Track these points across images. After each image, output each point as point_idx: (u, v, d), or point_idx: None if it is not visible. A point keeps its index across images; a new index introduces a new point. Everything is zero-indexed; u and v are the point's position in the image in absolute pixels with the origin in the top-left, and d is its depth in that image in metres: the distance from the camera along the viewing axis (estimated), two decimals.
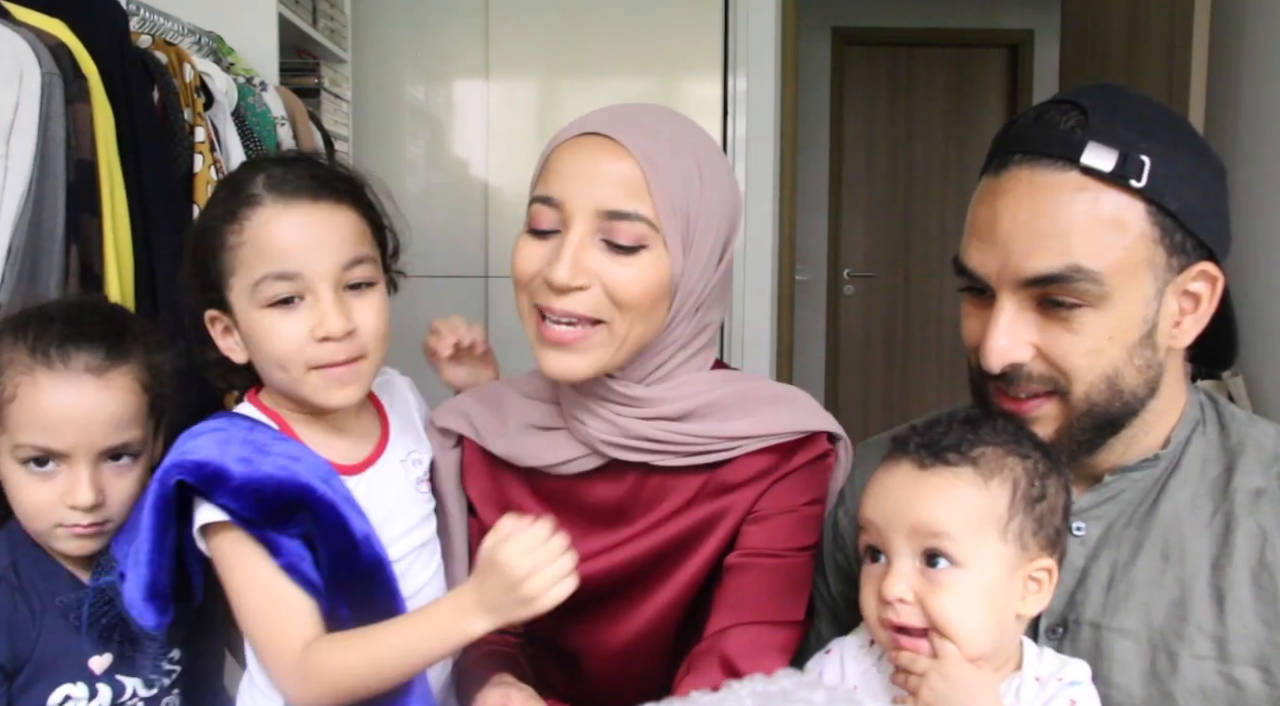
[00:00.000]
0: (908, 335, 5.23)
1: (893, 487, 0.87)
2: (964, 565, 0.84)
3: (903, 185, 5.20)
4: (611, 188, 0.93)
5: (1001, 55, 5.16)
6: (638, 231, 0.93)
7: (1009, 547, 0.85)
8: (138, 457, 1.01)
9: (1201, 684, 0.88)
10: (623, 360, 0.98)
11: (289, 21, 2.31)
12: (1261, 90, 2.26)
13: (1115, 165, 0.84)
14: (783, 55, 3.12)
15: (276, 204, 0.94)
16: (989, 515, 0.84)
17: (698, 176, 0.96)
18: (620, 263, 0.94)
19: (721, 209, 0.99)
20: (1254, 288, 2.23)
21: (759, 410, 1.02)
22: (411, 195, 3.11)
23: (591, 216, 0.94)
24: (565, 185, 0.95)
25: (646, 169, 0.93)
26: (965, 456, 0.86)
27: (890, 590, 0.85)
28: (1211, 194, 0.89)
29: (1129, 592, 0.92)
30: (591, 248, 0.94)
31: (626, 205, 0.93)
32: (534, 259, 0.97)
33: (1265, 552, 0.89)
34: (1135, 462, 0.94)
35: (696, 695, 0.78)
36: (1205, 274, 0.89)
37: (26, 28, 1.30)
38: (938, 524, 0.84)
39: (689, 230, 0.96)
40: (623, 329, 0.95)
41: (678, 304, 0.98)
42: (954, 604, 0.83)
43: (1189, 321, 0.91)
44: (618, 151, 0.94)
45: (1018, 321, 0.88)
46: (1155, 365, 0.90)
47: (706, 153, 0.99)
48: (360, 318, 0.95)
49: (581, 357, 0.96)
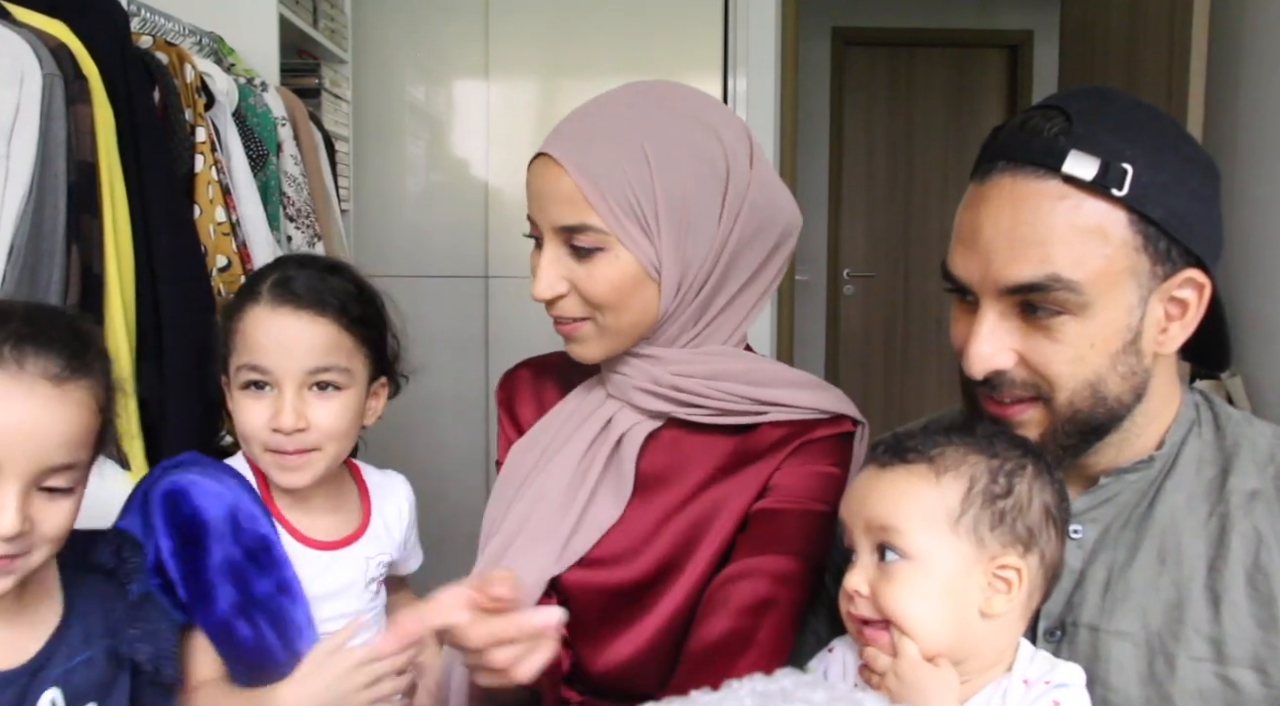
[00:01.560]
0: (908, 335, 5.23)
1: (855, 486, 0.91)
2: (912, 558, 0.85)
3: (903, 185, 5.21)
4: (559, 206, 1.01)
5: (1001, 55, 5.16)
6: (591, 238, 1.00)
7: (962, 542, 0.85)
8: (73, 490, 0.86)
9: (1198, 685, 0.89)
10: (626, 343, 1.06)
11: (289, 22, 2.31)
12: (1261, 90, 2.26)
13: (1096, 174, 0.84)
14: (783, 55, 3.12)
15: (267, 306, 1.06)
16: (938, 508, 0.85)
17: (645, 162, 1.00)
18: (584, 267, 1.02)
19: (689, 185, 1.01)
20: (1253, 288, 2.23)
21: (784, 386, 1.07)
22: (411, 195, 3.12)
23: (553, 233, 1.02)
24: (532, 206, 1.05)
25: (580, 181, 0.99)
26: (923, 455, 0.87)
27: (848, 582, 0.87)
28: (1200, 199, 0.88)
29: (1126, 595, 0.92)
30: (563, 258, 1.03)
31: (572, 219, 1.00)
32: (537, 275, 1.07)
33: (1260, 554, 0.89)
34: (1130, 465, 0.94)
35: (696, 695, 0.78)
36: (1192, 281, 0.89)
37: (27, 28, 1.30)
38: (886, 517, 0.86)
39: (645, 218, 1.00)
40: (609, 321, 1.03)
41: (673, 283, 1.02)
42: (902, 595, 0.84)
43: (1175, 328, 0.90)
44: (554, 168, 1.01)
45: (1000, 328, 0.89)
46: (1140, 371, 0.90)
47: (657, 133, 1.01)
48: (316, 416, 1.06)
49: (584, 346, 1.06)
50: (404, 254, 3.10)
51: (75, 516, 0.86)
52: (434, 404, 3.10)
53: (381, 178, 3.07)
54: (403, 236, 3.10)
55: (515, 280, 3.10)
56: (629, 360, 1.07)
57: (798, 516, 1.03)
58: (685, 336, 1.07)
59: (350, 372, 1.08)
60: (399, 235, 3.09)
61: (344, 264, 1.16)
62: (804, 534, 1.03)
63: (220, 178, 1.66)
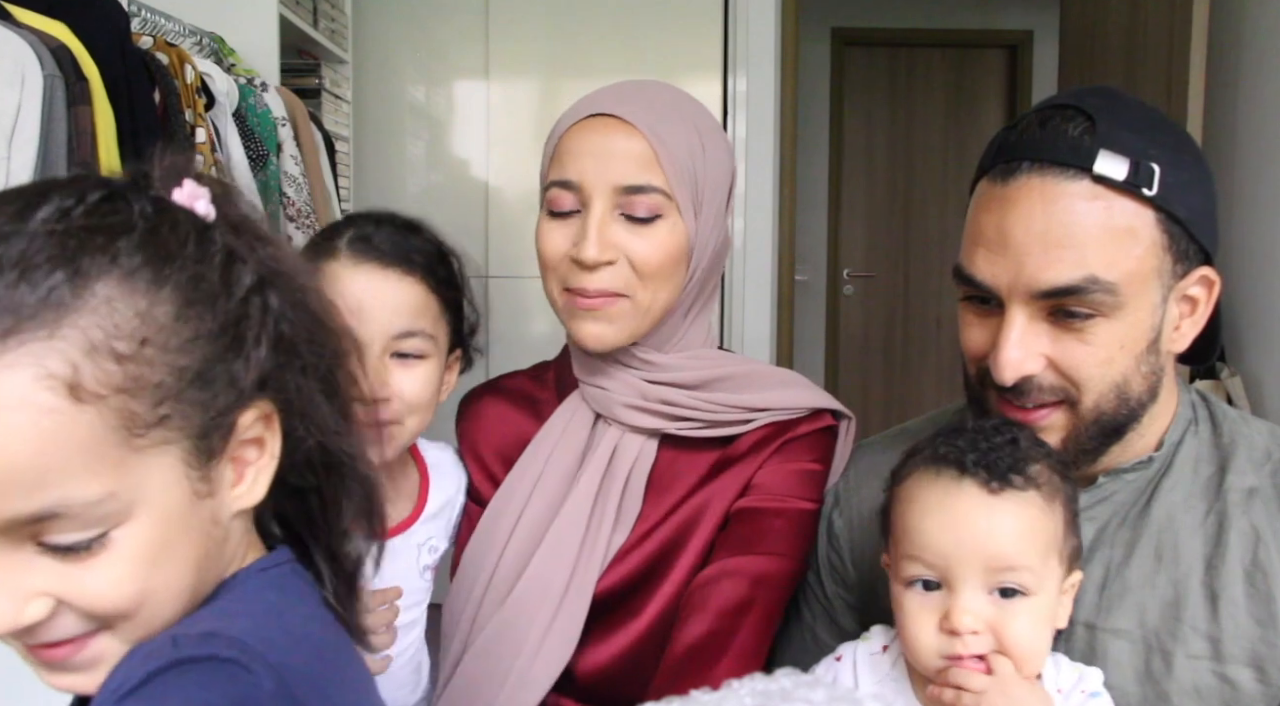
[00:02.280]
0: (907, 335, 5.23)
1: (965, 516, 0.83)
2: (1034, 593, 0.82)
3: (902, 185, 5.21)
4: (626, 163, 0.98)
5: (1001, 55, 5.16)
6: (653, 202, 0.98)
7: (1063, 567, 0.85)
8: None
9: (1196, 683, 0.89)
10: (648, 327, 1.02)
11: (289, 22, 2.31)
12: (1260, 90, 2.26)
13: (1128, 173, 0.83)
14: (783, 56, 3.12)
15: (348, 262, 0.97)
16: (1054, 540, 0.84)
17: (700, 144, 1.02)
18: (640, 234, 0.99)
19: (723, 170, 1.05)
20: (1253, 288, 2.23)
21: (770, 387, 1.06)
22: (411, 195, 3.12)
23: (609, 194, 0.98)
24: (580, 165, 0.99)
25: (655, 143, 0.98)
26: (1029, 479, 0.83)
27: (962, 624, 0.81)
28: (1209, 197, 0.89)
29: (1123, 593, 0.92)
30: (613, 223, 0.98)
31: (641, 179, 0.98)
32: (558, 240, 1.01)
33: (1258, 552, 0.89)
34: (1129, 464, 0.94)
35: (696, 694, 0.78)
36: (1205, 278, 0.89)
37: (28, 30, 1.31)
38: (1016, 557, 0.81)
39: (698, 195, 1.01)
40: (646, 299, 1.00)
41: (693, 266, 1.03)
42: (1027, 630, 0.82)
43: (1187, 325, 0.91)
44: (626, 129, 0.99)
45: (1029, 333, 0.87)
46: (1158, 370, 0.90)
47: (704, 120, 1.05)
48: (401, 384, 0.97)
49: (610, 326, 1.00)
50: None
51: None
52: None
53: (381, 178, 3.07)
54: None
55: (515, 280, 3.09)
56: (613, 373, 1.04)
57: (778, 515, 1.03)
58: (676, 334, 1.06)
59: (435, 340, 1.00)
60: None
61: (421, 221, 1.08)
62: (785, 533, 1.02)
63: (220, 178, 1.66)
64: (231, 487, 0.58)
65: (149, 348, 0.52)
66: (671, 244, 0.99)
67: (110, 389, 0.51)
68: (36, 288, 0.50)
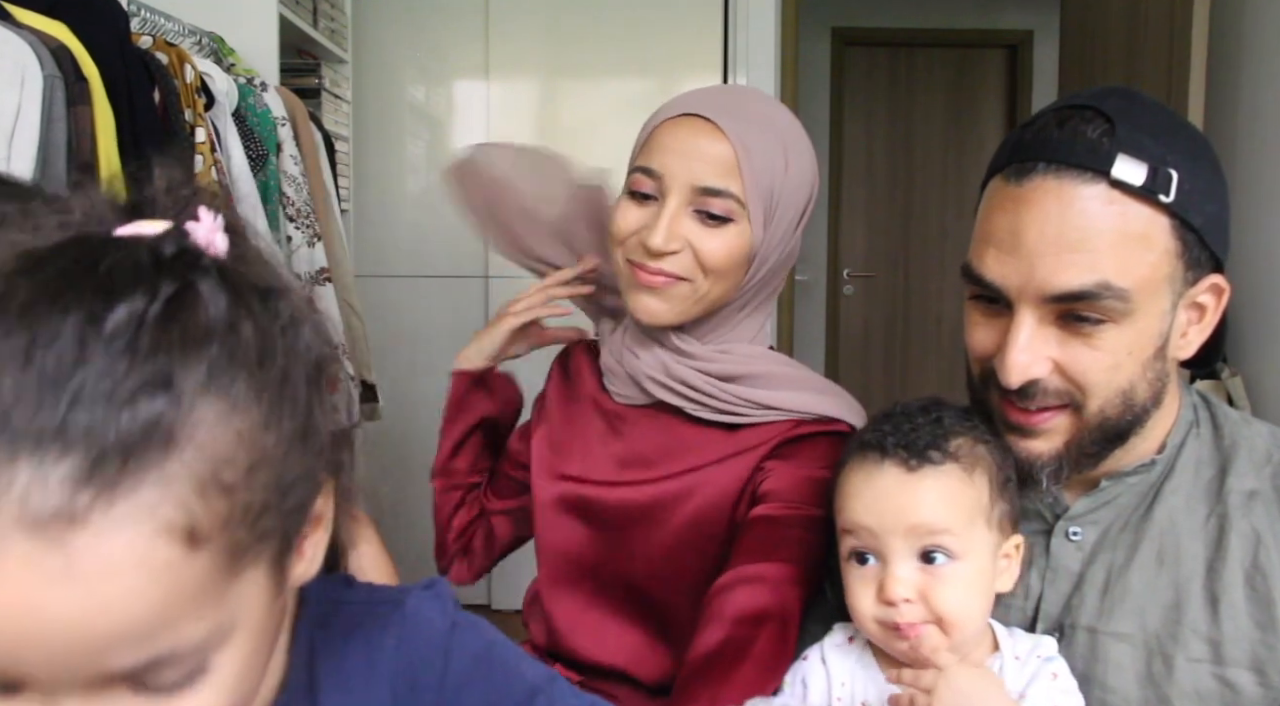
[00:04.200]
0: (908, 335, 5.23)
1: (885, 492, 0.88)
2: (961, 557, 0.87)
3: (902, 185, 5.20)
4: (707, 166, 1.03)
5: (1001, 55, 5.16)
6: (727, 206, 1.03)
7: (993, 533, 0.89)
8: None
9: (1197, 687, 0.89)
10: (699, 313, 1.08)
11: (289, 22, 2.31)
12: (1261, 91, 2.26)
13: (1146, 179, 0.82)
14: (783, 55, 3.12)
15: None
16: (977, 506, 0.88)
17: (783, 159, 1.06)
18: (710, 232, 1.04)
19: (803, 188, 1.09)
20: (1254, 288, 2.23)
21: (796, 389, 1.10)
22: (411, 195, 3.12)
23: (687, 190, 1.04)
24: (665, 159, 1.04)
25: (740, 152, 1.02)
26: (945, 452, 0.88)
27: (896, 592, 0.86)
28: (1225, 205, 0.88)
29: (1124, 596, 0.92)
30: (684, 217, 1.04)
31: (719, 183, 1.03)
32: (632, 220, 1.07)
33: (1259, 554, 0.89)
34: (1131, 468, 0.94)
35: None
36: (1215, 286, 0.89)
37: (28, 30, 1.30)
38: (937, 522, 0.86)
39: (771, 207, 1.06)
40: (704, 287, 1.06)
41: (753, 270, 1.08)
42: (957, 594, 0.86)
43: (1194, 332, 0.90)
44: (715, 133, 1.03)
45: (1038, 336, 0.86)
46: (1164, 376, 0.90)
47: (793, 136, 1.08)
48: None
49: (667, 304, 1.07)
50: (404, 254, 3.10)
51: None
52: (434, 404, 3.10)
53: (381, 178, 3.07)
54: (403, 236, 3.10)
55: (515, 280, 3.09)
56: (650, 347, 1.12)
57: (793, 524, 1.03)
58: (724, 327, 1.12)
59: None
60: (399, 235, 3.09)
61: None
62: (801, 540, 1.03)
63: (220, 178, 1.66)
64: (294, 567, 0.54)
65: (252, 472, 0.47)
66: (737, 246, 1.05)
67: (221, 525, 0.46)
68: (136, 420, 0.43)
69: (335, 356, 0.56)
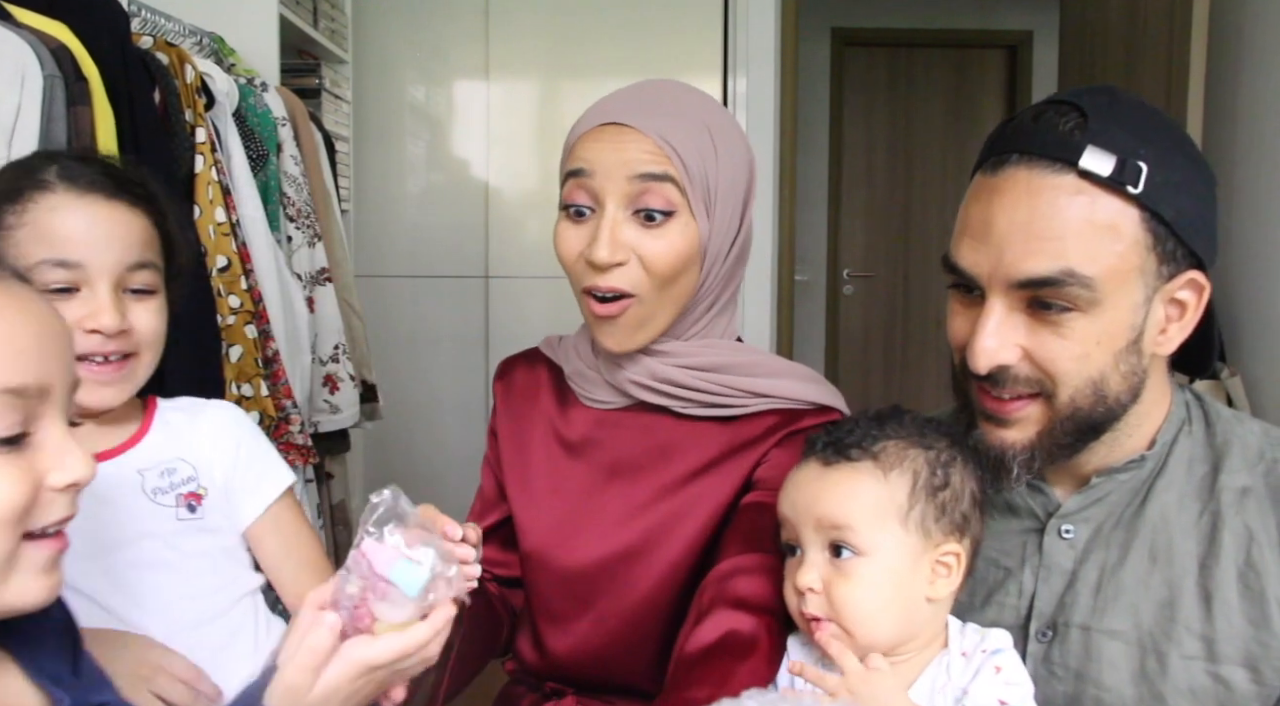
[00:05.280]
0: (907, 335, 5.24)
1: (801, 484, 0.92)
2: (866, 554, 0.88)
3: (902, 185, 5.21)
4: (639, 157, 1.00)
5: (1000, 56, 5.16)
6: (667, 196, 1.00)
7: (911, 535, 0.88)
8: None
9: (1190, 684, 0.89)
10: (666, 324, 1.05)
11: (290, 22, 2.31)
12: (1260, 90, 2.26)
13: (1113, 170, 0.84)
14: (782, 56, 3.12)
15: (69, 193, 0.93)
16: (889, 505, 0.88)
17: (711, 147, 1.02)
18: (653, 234, 1.00)
19: (737, 173, 1.05)
20: (1252, 288, 2.23)
21: (778, 376, 1.09)
22: (411, 195, 3.12)
23: (623, 184, 1.00)
24: (594, 167, 1.01)
25: (664, 147, 0.99)
26: (866, 451, 0.90)
27: (801, 580, 0.89)
28: (1204, 202, 0.89)
29: (1117, 594, 0.92)
30: (625, 224, 1.00)
31: (656, 167, 0.99)
32: (573, 241, 1.03)
33: (1252, 552, 0.89)
34: (1122, 464, 0.94)
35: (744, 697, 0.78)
36: (1193, 282, 0.89)
37: (28, 30, 1.31)
38: (840, 516, 0.88)
39: (710, 196, 1.02)
40: (654, 300, 1.03)
41: (707, 266, 1.05)
42: (857, 591, 0.87)
43: (1174, 328, 0.91)
44: (633, 133, 1.00)
45: (1006, 323, 0.88)
46: (1139, 371, 0.90)
47: (717, 120, 1.05)
48: (137, 319, 0.95)
49: (628, 332, 1.04)
50: (404, 254, 3.10)
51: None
52: (434, 404, 3.11)
53: (381, 178, 3.08)
54: (403, 236, 3.10)
55: (515, 280, 3.10)
56: (631, 353, 1.08)
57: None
58: (697, 327, 1.09)
59: (160, 274, 0.98)
60: (399, 235, 3.10)
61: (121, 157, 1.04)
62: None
63: (220, 178, 1.66)
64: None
65: None
66: (683, 244, 1.01)
67: None
68: None
69: None
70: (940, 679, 0.88)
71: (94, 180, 0.94)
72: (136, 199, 0.96)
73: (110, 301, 0.92)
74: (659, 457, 1.09)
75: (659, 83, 1.09)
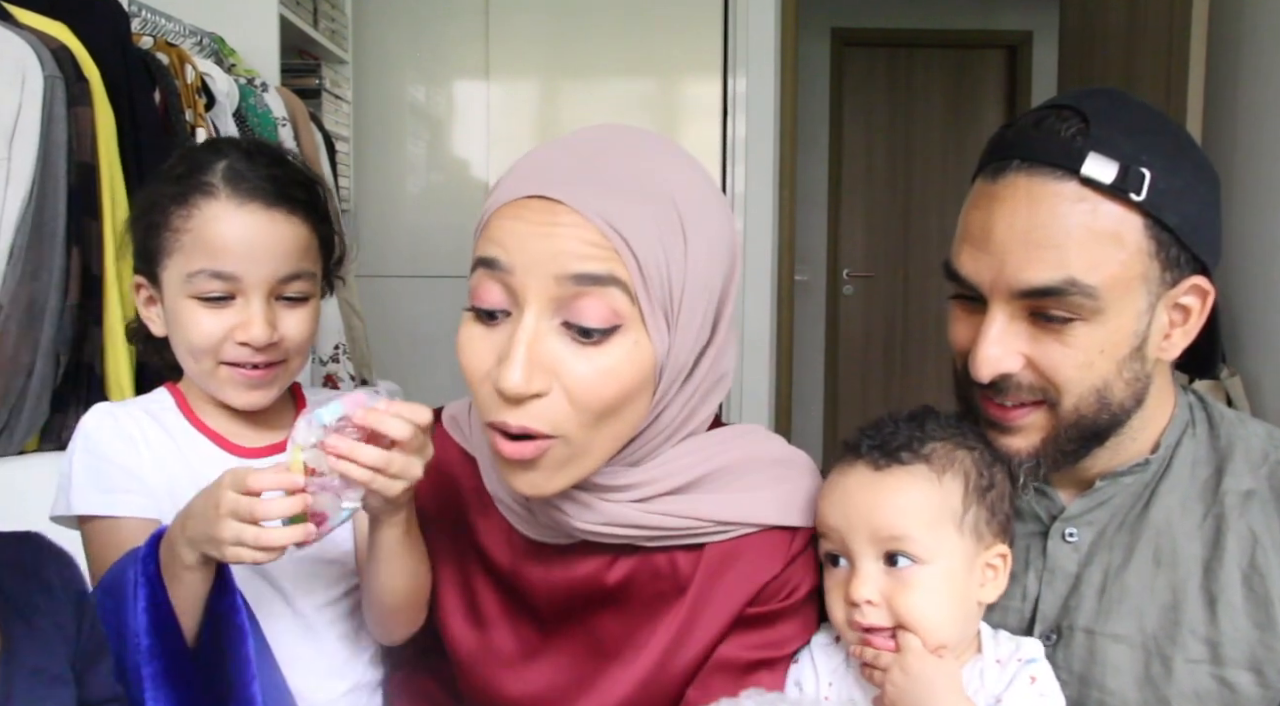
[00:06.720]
0: (907, 335, 5.23)
1: (851, 492, 0.88)
2: (926, 562, 0.86)
3: (902, 185, 5.21)
4: (575, 250, 0.74)
5: (1000, 56, 5.16)
6: (611, 305, 0.75)
7: (966, 539, 0.87)
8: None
9: (1195, 687, 0.89)
10: (596, 466, 0.81)
11: (290, 22, 2.31)
12: (1260, 91, 2.26)
13: (1116, 177, 0.82)
14: (782, 56, 3.12)
15: (230, 201, 0.93)
16: (945, 510, 0.87)
17: (679, 234, 0.77)
18: (586, 356, 0.75)
19: (712, 267, 0.80)
20: (1253, 288, 2.23)
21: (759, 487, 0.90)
22: (411, 195, 3.12)
23: (550, 284, 0.75)
24: (512, 244, 0.76)
25: (611, 236, 0.74)
26: (917, 454, 0.87)
27: (858, 593, 0.86)
28: (1208, 207, 0.88)
29: (1122, 597, 0.92)
30: (549, 337, 0.76)
31: (599, 268, 0.74)
32: (483, 354, 0.79)
33: (1256, 555, 0.89)
34: (1125, 468, 0.94)
35: None
36: (1197, 287, 0.88)
37: (28, 30, 1.31)
38: (898, 525, 0.85)
39: (672, 302, 0.77)
40: (584, 438, 0.78)
41: (664, 388, 0.80)
42: (920, 600, 0.85)
43: (1178, 334, 0.90)
44: (568, 215, 0.75)
45: (1009, 331, 0.87)
46: (1143, 377, 0.90)
47: (690, 195, 0.79)
48: (286, 327, 0.96)
49: (548, 476, 0.79)
50: (404, 254, 3.10)
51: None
52: (434, 403, 3.10)
53: (381, 178, 3.07)
54: (403, 236, 3.10)
55: None
56: (573, 494, 0.83)
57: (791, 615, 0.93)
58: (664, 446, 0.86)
59: (315, 279, 0.99)
60: (399, 235, 3.10)
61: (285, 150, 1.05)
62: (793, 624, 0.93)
63: None
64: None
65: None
66: (629, 371, 0.76)
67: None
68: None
69: None
70: (974, 684, 0.87)
71: (256, 187, 0.94)
72: (296, 205, 0.96)
73: (262, 314, 0.93)
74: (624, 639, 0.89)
75: (611, 136, 0.83)
